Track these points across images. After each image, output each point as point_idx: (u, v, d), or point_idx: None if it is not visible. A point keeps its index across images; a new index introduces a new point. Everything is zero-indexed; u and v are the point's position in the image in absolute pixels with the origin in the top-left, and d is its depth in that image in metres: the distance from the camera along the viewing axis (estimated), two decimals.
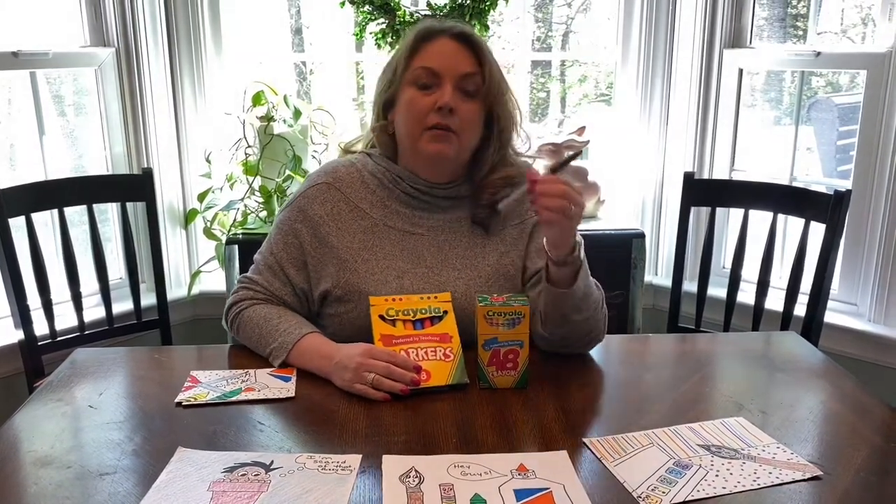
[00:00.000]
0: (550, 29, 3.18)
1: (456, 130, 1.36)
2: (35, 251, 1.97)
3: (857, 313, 2.37)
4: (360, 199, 1.44)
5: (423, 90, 1.37)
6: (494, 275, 1.42)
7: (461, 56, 1.37)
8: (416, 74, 1.37)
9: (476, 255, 1.43)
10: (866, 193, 2.28)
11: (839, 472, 1.01)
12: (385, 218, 1.43)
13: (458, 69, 1.36)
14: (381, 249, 1.41)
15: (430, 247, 1.43)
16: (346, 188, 1.44)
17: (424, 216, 1.44)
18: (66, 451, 1.07)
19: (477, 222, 1.45)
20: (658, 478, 1.00)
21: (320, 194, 1.44)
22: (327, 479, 0.99)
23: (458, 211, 1.45)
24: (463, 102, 1.36)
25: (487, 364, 1.25)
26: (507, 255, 1.45)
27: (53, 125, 2.43)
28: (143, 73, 2.44)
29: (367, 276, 1.38)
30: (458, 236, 1.44)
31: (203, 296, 2.64)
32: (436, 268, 1.41)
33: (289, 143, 2.36)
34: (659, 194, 2.70)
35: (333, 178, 1.45)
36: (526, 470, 1.01)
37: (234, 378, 1.29)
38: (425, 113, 1.36)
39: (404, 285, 1.38)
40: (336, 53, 2.69)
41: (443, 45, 1.38)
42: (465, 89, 1.37)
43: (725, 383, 1.31)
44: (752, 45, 2.51)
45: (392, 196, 1.44)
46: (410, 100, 1.38)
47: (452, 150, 1.37)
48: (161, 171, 2.52)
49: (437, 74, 1.36)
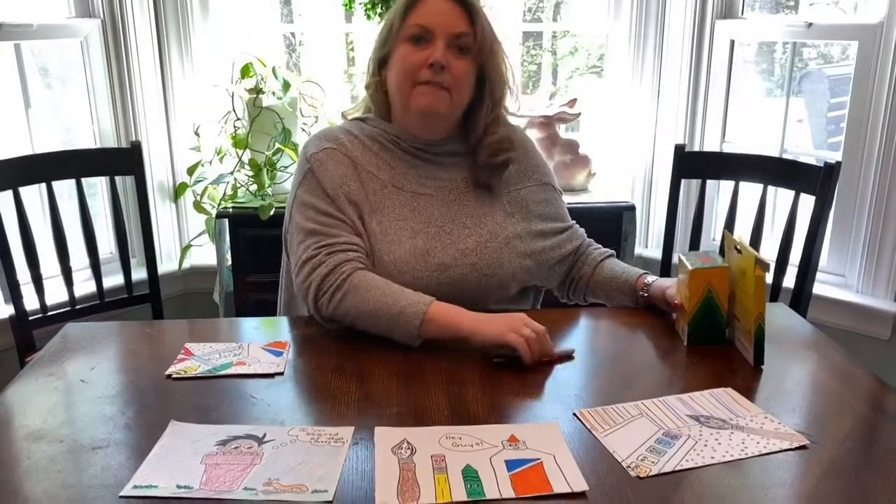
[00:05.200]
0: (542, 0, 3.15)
1: (448, 87, 1.38)
2: (24, 226, 1.96)
3: (845, 285, 2.38)
4: (366, 162, 1.44)
5: (416, 45, 1.39)
6: (503, 233, 1.45)
7: (454, 14, 1.39)
8: (409, 31, 1.40)
9: (485, 214, 1.46)
10: (856, 165, 2.29)
11: (826, 441, 1.03)
12: (393, 179, 1.44)
13: (451, 28, 1.38)
14: (392, 210, 1.42)
15: (440, 206, 1.44)
16: (350, 152, 1.44)
17: (431, 176, 1.46)
18: (59, 426, 1.07)
19: (479, 185, 1.47)
20: (647, 448, 1.01)
21: (329, 157, 1.42)
22: (320, 451, 1.00)
23: (462, 171, 1.48)
24: (455, 60, 1.38)
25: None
26: (512, 216, 1.48)
27: (39, 98, 2.40)
28: (129, 44, 2.41)
29: (381, 236, 1.39)
30: (466, 196, 1.46)
31: (194, 270, 2.63)
32: (446, 226, 1.42)
33: (278, 116, 2.34)
34: (650, 167, 2.70)
35: (337, 144, 1.44)
36: (517, 441, 1.02)
37: (227, 351, 1.29)
38: (417, 68, 1.38)
39: (417, 245, 1.39)
40: (326, 25, 2.66)
41: (437, 3, 1.40)
42: (458, 46, 1.39)
43: (715, 354, 1.32)
44: (744, 15, 2.50)
45: (395, 157, 1.45)
46: (404, 55, 1.40)
47: (443, 104, 1.39)
48: (150, 145, 2.50)
49: (430, 31, 1.38)
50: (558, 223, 1.54)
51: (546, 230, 1.51)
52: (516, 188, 1.51)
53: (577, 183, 2.45)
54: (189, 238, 2.62)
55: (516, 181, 1.51)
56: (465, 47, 1.40)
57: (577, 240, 1.57)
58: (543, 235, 1.50)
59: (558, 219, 1.55)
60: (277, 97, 2.36)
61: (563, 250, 1.52)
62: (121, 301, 2.19)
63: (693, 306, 1.30)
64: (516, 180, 1.51)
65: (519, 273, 1.45)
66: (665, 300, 1.40)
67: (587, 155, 2.45)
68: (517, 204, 1.50)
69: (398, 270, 1.37)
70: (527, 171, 1.53)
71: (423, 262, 1.38)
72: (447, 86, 1.38)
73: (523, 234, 1.47)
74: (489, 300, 1.43)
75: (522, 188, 1.51)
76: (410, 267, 1.37)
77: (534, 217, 1.50)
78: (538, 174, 1.55)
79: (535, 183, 1.53)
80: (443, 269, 1.39)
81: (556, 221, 1.54)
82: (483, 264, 1.41)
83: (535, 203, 1.51)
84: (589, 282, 1.54)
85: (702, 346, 1.31)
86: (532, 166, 1.54)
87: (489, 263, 1.41)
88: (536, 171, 1.55)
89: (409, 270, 1.37)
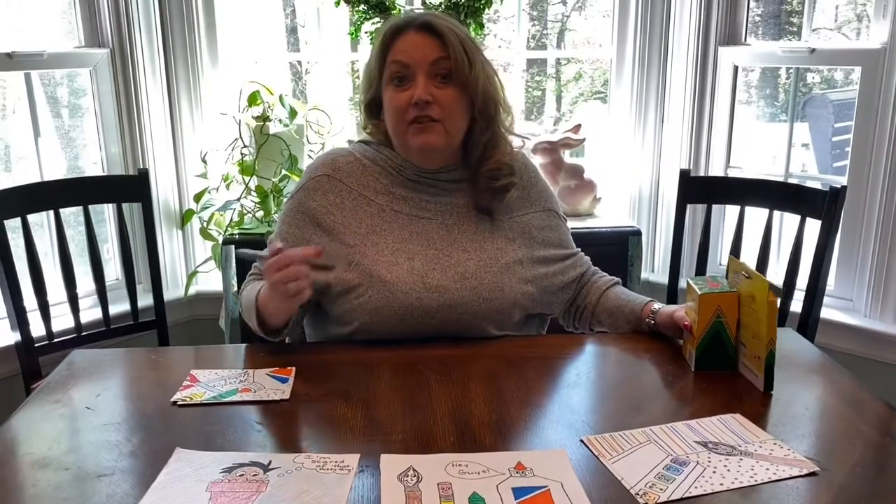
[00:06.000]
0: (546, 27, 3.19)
1: (438, 118, 1.38)
2: (31, 253, 1.97)
3: (852, 309, 2.37)
4: (363, 188, 1.45)
5: (399, 86, 1.39)
6: (504, 258, 1.44)
7: (427, 45, 1.39)
8: (390, 71, 1.40)
9: (485, 239, 1.45)
10: (862, 189, 2.29)
11: (836, 467, 1.02)
12: (391, 203, 1.45)
13: (427, 58, 1.38)
14: (389, 234, 1.42)
15: (439, 229, 1.44)
16: (347, 178, 1.45)
17: (431, 200, 1.46)
18: (64, 453, 1.06)
19: (480, 209, 1.47)
20: (656, 475, 1.00)
21: (321, 185, 1.45)
22: (325, 479, 0.99)
23: (464, 195, 1.47)
24: (439, 90, 1.38)
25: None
26: (513, 241, 1.47)
27: (49, 126, 2.43)
28: (138, 73, 2.43)
29: (378, 258, 1.39)
30: (466, 220, 1.46)
31: (200, 296, 2.64)
32: (445, 249, 1.42)
33: (285, 143, 2.36)
34: (655, 191, 2.71)
35: (333, 170, 1.46)
36: (524, 468, 1.01)
37: (232, 378, 1.29)
38: (404, 109, 1.38)
39: (415, 267, 1.39)
40: (331, 53, 2.69)
41: (409, 38, 1.40)
42: (440, 75, 1.39)
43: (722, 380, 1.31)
44: (747, 41, 2.51)
45: (396, 182, 1.46)
46: (390, 99, 1.41)
47: (438, 138, 1.40)
48: (157, 172, 2.51)
49: (408, 66, 1.39)
50: (561, 249, 1.54)
51: (548, 256, 1.51)
52: (519, 214, 1.50)
53: (583, 208, 2.45)
54: (195, 264, 2.63)
55: (519, 207, 1.50)
56: (447, 73, 1.38)
57: (581, 267, 1.56)
58: (546, 262, 1.50)
59: (561, 245, 1.54)
60: (284, 124, 2.38)
61: (565, 277, 1.52)
62: (127, 328, 2.19)
63: (701, 331, 1.29)
64: (519, 206, 1.50)
65: (521, 299, 1.44)
66: (672, 324, 1.39)
67: (592, 180, 2.46)
68: (519, 230, 1.49)
69: (400, 291, 1.37)
70: (530, 198, 1.53)
71: (421, 283, 1.38)
72: (438, 117, 1.38)
73: (525, 260, 1.46)
74: (492, 325, 1.43)
75: (525, 214, 1.51)
76: (409, 288, 1.37)
77: (536, 243, 1.50)
78: (542, 200, 1.54)
79: (539, 209, 1.53)
80: (442, 290, 1.38)
81: (559, 248, 1.53)
82: (483, 288, 1.40)
83: (537, 229, 1.51)
84: (594, 310, 1.53)
85: (709, 371, 1.30)
86: (536, 192, 1.54)
87: (490, 287, 1.41)
88: (540, 197, 1.54)
89: (410, 291, 1.37)
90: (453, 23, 1.42)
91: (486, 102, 1.43)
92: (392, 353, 1.36)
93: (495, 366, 1.32)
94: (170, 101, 2.53)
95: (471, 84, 1.40)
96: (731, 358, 1.30)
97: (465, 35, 1.42)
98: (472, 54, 1.40)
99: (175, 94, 2.53)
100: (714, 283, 1.31)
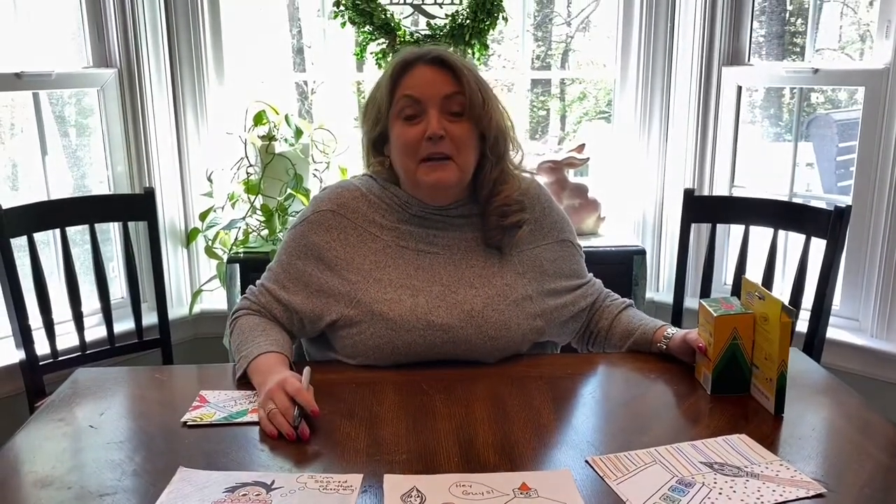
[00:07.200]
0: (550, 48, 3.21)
1: (451, 154, 1.36)
2: (37, 271, 1.97)
3: (858, 329, 2.36)
4: (368, 224, 1.43)
5: (410, 121, 1.37)
6: (513, 294, 1.41)
7: (439, 79, 1.37)
8: (399, 107, 1.38)
9: (493, 274, 1.42)
10: (866, 209, 2.29)
11: (843, 489, 1.01)
12: (398, 239, 1.42)
13: (439, 92, 1.36)
14: (394, 269, 1.40)
15: (447, 265, 1.42)
16: (352, 214, 1.43)
17: (439, 234, 1.43)
18: (67, 472, 1.06)
19: (490, 245, 1.44)
20: (661, 496, 0.99)
21: (324, 220, 1.43)
22: (328, 499, 0.98)
23: (472, 230, 1.45)
24: (451, 125, 1.36)
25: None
26: (523, 276, 1.44)
27: (56, 145, 2.45)
28: (145, 93, 2.45)
29: (380, 295, 1.37)
30: (474, 255, 1.44)
31: (204, 315, 2.64)
32: (452, 286, 1.40)
33: (290, 162, 2.37)
34: (659, 211, 2.71)
35: (338, 206, 1.44)
36: (528, 489, 1.00)
37: (242, 398, 1.28)
38: (416, 144, 1.36)
39: (419, 304, 1.37)
40: (337, 73, 2.71)
41: (421, 73, 1.38)
42: (452, 111, 1.37)
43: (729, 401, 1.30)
44: (751, 62, 2.52)
45: (403, 219, 1.43)
46: (400, 134, 1.38)
47: (452, 175, 1.37)
48: (163, 191, 2.53)
49: (420, 102, 1.36)
50: (573, 280, 1.51)
51: (560, 288, 1.47)
52: (530, 248, 1.47)
53: (587, 227, 2.45)
54: (200, 283, 2.63)
55: (530, 240, 1.47)
56: (459, 109, 1.37)
57: (592, 295, 1.53)
58: (557, 293, 1.47)
59: (574, 275, 1.51)
60: (290, 144, 2.39)
61: (576, 307, 1.49)
62: (131, 346, 2.19)
63: (717, 354, 1.27)
64: (530, 240, 1.47)
65: (529, 334, 1.42)
66: (686, 349, 1.37)
67: (596, 199, 2.46)
68: (530, 263, 1.46)
69: (403, 329, 1.35)
70: (543, 230, 1.49)
71: (424, 321, 1.35)
72: (449, 153, 1.36)
73: (535, 295, 1.43)
74: (497, 358, 1.41)
75: (536, 247, 1.48)
76: (412, 326, 1.35)
77: (548, 276, 1.46)
78: (555, 231, 1.51)
79: (552, 241, 1.49)
80: (446, 329, 1.36)
81: (570, 278, 1.50)
82: (489, 327, 1.37)
83: (549, 262, 1.48)
84: (608, 334, 1.52)
85: (726, 395, 1.28)
86: (549, 224, 1.51)
87: (496, 326, 1.38)
88: (553, 228, 1.51)
89: (413, 329, 1.35)
90: (461, 58, 1.42)
91: (497, 138, 1.41)
92: (396, 373, 1.36)
93: (500, 385, 1.32)
94: (176, 121, 2.55)
95: (484, 120, 1.38)
96: (747, 381, 1.29)
97: (476, 69, 1.42)
98: (484, 90, 1.39)
99: (181, 114, 2.55)
100: (728, 304, 1.30)
